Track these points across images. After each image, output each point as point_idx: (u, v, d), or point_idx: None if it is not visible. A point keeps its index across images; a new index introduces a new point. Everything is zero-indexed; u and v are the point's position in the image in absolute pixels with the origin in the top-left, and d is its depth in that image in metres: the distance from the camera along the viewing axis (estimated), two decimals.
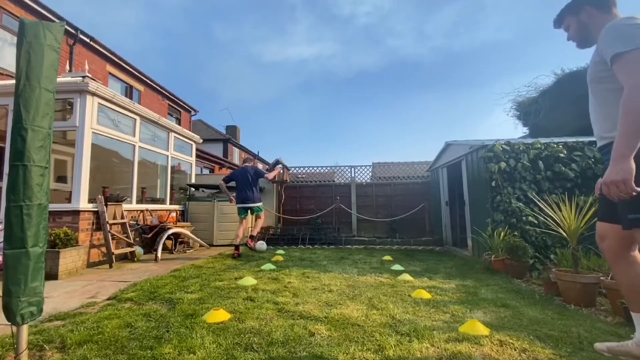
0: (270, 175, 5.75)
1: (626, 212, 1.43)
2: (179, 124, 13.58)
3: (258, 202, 5.50)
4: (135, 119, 5.73)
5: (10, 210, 1.56)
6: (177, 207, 7.13)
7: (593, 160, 4.23)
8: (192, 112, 15.39)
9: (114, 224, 4.92)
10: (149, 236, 5.64)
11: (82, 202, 4.49)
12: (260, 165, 27.18)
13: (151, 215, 6.10)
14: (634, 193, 1.29)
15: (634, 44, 1.38)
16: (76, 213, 4.44)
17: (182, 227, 6.17)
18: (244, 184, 5.45)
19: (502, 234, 4.05)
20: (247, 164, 5.84)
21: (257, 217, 5.58)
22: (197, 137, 8.12)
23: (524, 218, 4.09)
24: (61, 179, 6.96)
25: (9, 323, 1.57)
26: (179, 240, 6.17)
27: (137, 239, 5.72)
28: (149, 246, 5.65)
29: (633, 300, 1.62)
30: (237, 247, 5.32)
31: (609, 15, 1.60)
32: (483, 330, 2.06)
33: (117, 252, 4.76)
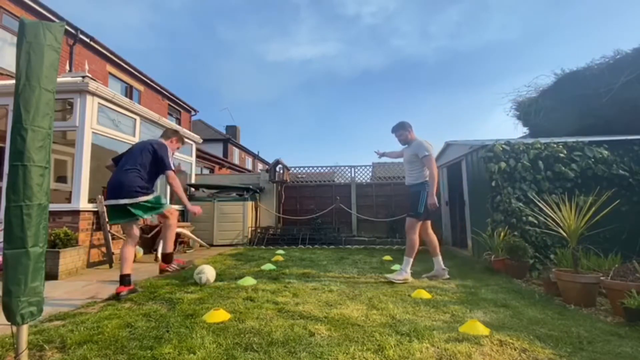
0: (171, 173, 3.15)
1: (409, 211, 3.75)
2: (179, 124, 13.58)
3: (143, 195, 2.96)
4: (135, 119, 5.73)
5: (10, 210, 1.55)
6: (177, 207, 7.12)
7: (593, 160, 4.23)
8: (192, 112, 15.41)
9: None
10: (149, 236, 5.64)
11: (82, 202, 4.50)
12: (261, 165, 24.99)
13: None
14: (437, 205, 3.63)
15: (428, 152, 3.61)
16: (76, 213, 4.44)
17: (182, 227, 6.16)
18: (125, 161, 3.05)
19: (502, 234, 4.05)
20: (160, 138, 3.36)
21: (163, 216, 3.23)
22: (197, 137, 8.12)
23: (524, 218, 4.08)
24: (61, 179, 6.96)
25: (9, 323, 1.56)
26: (179, 240, 6.17)
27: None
28: (149, 246, 5.65)
29: (430, 250, 3.81)
30: (125, 278, 2.88)
31: (413, 133, 3.85)
32: (483, 330, 2.06)
33: (117, 252, 4.76)
